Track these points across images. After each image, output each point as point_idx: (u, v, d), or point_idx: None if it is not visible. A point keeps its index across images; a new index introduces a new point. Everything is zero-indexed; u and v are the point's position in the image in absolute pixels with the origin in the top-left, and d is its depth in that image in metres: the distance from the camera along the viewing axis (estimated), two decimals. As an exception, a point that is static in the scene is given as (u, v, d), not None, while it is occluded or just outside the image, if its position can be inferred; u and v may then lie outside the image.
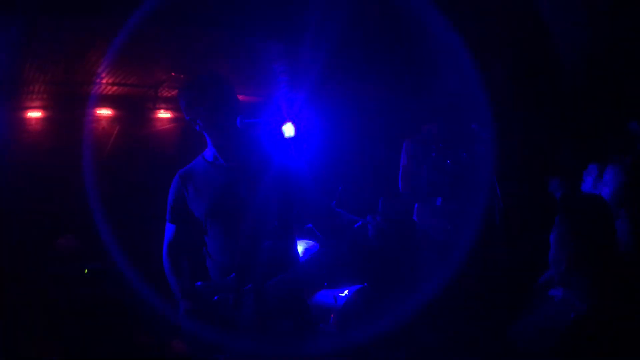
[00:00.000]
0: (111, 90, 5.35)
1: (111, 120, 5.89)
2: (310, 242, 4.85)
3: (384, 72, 5.64)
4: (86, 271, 4.38)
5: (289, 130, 5.40)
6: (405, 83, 5.76)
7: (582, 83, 4.59)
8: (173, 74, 5.04)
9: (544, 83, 4.95)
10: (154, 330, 4.57)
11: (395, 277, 4.90)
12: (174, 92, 5.48)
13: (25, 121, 5.52)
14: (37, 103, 5.47)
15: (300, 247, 4.49)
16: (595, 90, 4.63)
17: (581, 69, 4.43)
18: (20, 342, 4.35)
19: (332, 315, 4.27)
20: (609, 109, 4.59)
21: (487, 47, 5.01)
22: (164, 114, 6.19)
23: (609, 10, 4.01)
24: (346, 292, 4.44)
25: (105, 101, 5.62)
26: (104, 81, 5.09)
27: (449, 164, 1.94)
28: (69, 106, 5.61)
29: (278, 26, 4.41)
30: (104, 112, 5.81)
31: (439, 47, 5.13)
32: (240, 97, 2.38)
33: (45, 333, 4.48)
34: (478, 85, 5.13)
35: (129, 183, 5.59)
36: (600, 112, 4.68)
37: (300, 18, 4.13)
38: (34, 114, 5.56)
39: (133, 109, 5.96)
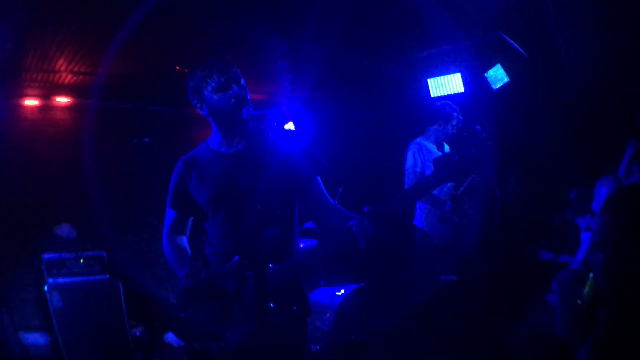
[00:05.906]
0: (110, 81, 5.33)
1: (110, 111, 5.87)
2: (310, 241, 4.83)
3: (389, 73, 5.65)
4: (82, 260, 4.37)
5: (290, 129, 5.37)
6: (411, 83, 5.77)
7: (586, 91, 4.61)
8: (177, 67, 5.04)
9: (547, 90, 4.97)
10: (150, 318, 4.57)
11: (392, 278, 4.89)
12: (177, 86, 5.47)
13: (24, 110, 5.51)
14: (37, 92, 5.46)
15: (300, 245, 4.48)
16: (597, 98, 4.65)
17: (585, 76, 4.44)
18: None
19: (328, 314, 4.27)
20: (610, 118, 4.61)
21: (491, 52, 5.04)
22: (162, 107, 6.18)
23: (613, 19, 4.03)
24: (342, 291, 4.43)
25: (105, 92, 5.60)
26: (104, 72, 5.08)
27: (457, 160, 1.93)
28: (69, 96, 5.62)
29: (282, 24, 4.42)
30: (104, 103, 5.79)
31: (444, 48, 5.17)
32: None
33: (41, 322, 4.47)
34: (482, 88, 5.17)
35: (126, 173, 5.59)
36: (602, 121, 4.70)
37: (305, 17, 4.15)
38: (33, 103, 5.55)
39: (133, 101, 5.96)
